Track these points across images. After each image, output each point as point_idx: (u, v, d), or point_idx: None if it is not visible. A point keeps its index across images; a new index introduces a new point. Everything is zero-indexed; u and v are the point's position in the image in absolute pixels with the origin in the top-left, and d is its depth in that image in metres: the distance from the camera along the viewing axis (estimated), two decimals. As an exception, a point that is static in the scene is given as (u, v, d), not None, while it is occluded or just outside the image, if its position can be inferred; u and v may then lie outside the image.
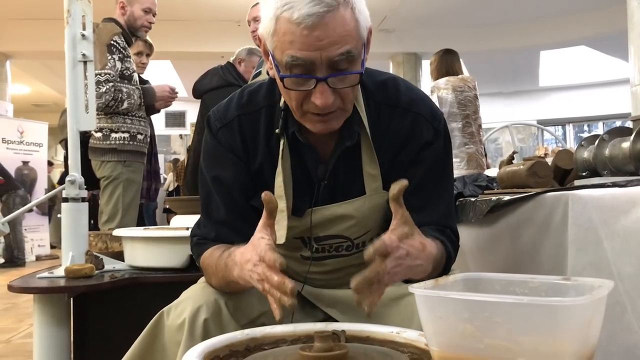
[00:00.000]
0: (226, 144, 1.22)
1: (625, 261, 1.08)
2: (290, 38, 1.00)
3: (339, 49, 1.00)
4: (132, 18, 3.27)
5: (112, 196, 3.13)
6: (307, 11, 0.98)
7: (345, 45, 1.01)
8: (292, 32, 0.99)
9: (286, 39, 1.01)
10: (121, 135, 3.16)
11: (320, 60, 1.01)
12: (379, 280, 0.90)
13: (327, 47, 0.99)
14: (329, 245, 1.27)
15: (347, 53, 1.01)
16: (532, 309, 0.70)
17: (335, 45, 1.00)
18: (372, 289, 0.90)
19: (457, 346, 0.75)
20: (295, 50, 1.00)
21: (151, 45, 3.84)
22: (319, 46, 0.99)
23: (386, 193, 1.20)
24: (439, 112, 1.23)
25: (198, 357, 0.92)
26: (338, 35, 1.00)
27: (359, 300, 0.90)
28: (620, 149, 1.55)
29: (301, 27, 0.98)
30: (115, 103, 3.08)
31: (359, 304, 0.90)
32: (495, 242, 1.64)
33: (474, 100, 2.48)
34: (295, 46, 1.00)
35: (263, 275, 0.96)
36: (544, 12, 9.08)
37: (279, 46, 1.03)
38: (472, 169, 2.40)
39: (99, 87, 2.98)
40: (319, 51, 1.00)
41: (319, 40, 0.99)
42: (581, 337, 0.70)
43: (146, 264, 1.93)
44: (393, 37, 9.93)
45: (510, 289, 0.88)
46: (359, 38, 1.04)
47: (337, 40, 1.00)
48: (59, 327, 1.80)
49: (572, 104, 13.79)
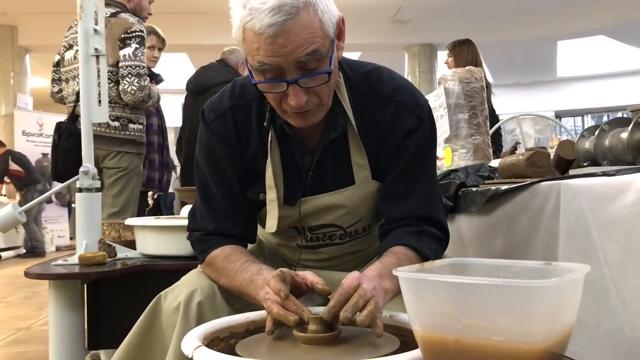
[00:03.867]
0: (221, 135, 1.25)
1: (611, 248, 1.11)
2: (256, 46, 1.03)
3: (304, 50, 1.03)
4: (139, 7, 3.18)
5: (125, 188, 3.04)
6: (268, 21, 1.00)
7: (311, 46, 1.04)
8: (257, 40, 1.03)
9: (253, 47, 1.04)
10: (138, 127, 3.09)
11: (288, 64, 1.04)
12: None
13: (292, 51, 1.03)
14: (323, 234, 1.31)
15: (313, 53, 1.04)
16: (505, 290, 0.74)
17: (300, 48, 1.03)
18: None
19: (437, 326, 0.79)
20: (262, 57, 1.04)
21: (164, 40, 3.84)
22: (284, 52, 1.02)
23: (376, 182, 1.24)
24: (422, 100, 1.25)
25: (198, 338, 0.97)
26: (301, 39, 1.02)
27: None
28: (619, 140, 1.57)
29: (264, 36, 1.01)
30: (148, 99, 3.02)
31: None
32: (492, 230, 1.67)
33: (480, 91, 2.48)
34: (262, 53, 1.03)
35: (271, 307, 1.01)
36: (560, 2, 8.97)
37: (248, 52, 1.07)
38: (478, 160, 2.41)
39: (140, 81, 2.91)
40: (284, 56, 1.03)
41: (283, 47, 1.02)
42: (553, 317, 0.74)
43: (157, 252, 2.00)
44: (408, 28, 9.89)
45: (495, 273, 0.92)
46: (325, 36, 1.06)
47: (301, 43, 1.03)
48: (73, 312, 1.87)
49: (590, 95, 13.63)
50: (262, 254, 1.46)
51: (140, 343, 1.25)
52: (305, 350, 0.96)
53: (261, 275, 1.12)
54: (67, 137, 2.93)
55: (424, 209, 1.23)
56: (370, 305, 0.95)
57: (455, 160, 2.47)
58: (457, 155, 2.47)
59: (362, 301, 0.96)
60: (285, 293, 1.00)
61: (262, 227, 1.34)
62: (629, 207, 1.06)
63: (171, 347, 1.14)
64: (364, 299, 0.96)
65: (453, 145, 2.48)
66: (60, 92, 3.22)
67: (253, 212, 1.31)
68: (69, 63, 3.09)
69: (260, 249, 1.47)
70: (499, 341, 0.73)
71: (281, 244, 1.42)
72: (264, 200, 1.26)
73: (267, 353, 0.96)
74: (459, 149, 2.47)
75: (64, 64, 3.15)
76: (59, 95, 3.23)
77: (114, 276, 1.88)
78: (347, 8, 8.55)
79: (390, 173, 1.24)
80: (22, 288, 5.16)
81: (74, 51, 3.02)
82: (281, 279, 1.02)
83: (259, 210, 1.31)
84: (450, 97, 2.48)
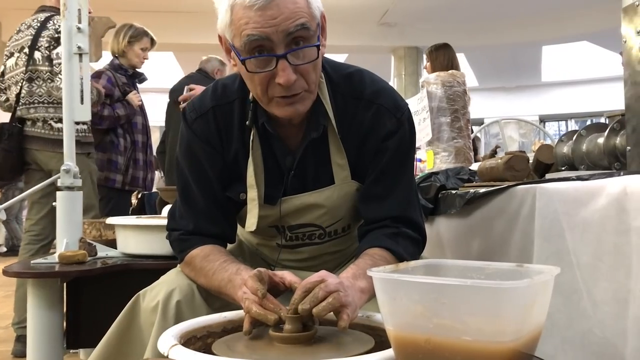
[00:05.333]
0: (202, 134, 1.26)
1: (583, 251, 1.13)
2: (246, 20, 1.05)
3: (294, 22, 1.06)
4: None
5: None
6: None
7: (300, 19, 1.06)
8: (247, 15, 1.05)
9: (242, 22, 1.06)
10: (82, 127, 3.15)
11: (277, 37, 1.06)
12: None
13: (282, 22, 1.05)
14: (302, 233, 1.32)
15: (301, 25, 1.07)
16: (475, 291, 0.75)
17: (289, 20, 1.06)
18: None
19: (409, 326, 0.80)
20: (251, 30, 1.05)
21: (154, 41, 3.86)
22: (274, 23, 1.05)
23: (355, 182, 1.26)
24: (402, 104, 1.27)
25: (174, 337, 0.98)
26: (290, 12, 1.05)
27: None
28: (596, 145, 1.60)
29: (254, 9, 1.04)
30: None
31: None
32: (471, 232, 1.69)
33: (462, 95, 2.51)
34: (251, 26, 1.05)
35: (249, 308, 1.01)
36: (545, 7, 9.07)
37: (236, 32, 1.08)
38: (459, 163, 2.44)
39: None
40: (274, 27, 1.05)
41: (272, 19, 1.05)
42: (522, 318, 0.75)
43: (137, 251, 2.00)
44: (394, 31, 9.94)
45: (468, 274, 0.93)
46: (312, 17, 1.09)
47: (290, 15, 1.06)
48: (52, 310, 1.87)
49: (574, 99, 13.76)
50: (242, 254, 1.46)
51: (118, 342, 1.25)
52: (281, 349, 0.97)
53: (240, 275, 1.13)
54: (8, 137, 3.02)
55: (401, 211, 1.25)
56: (330, 298, 0.94)
57: (437, 163, 2.49)
58: (439, 158, 2.50)
59: (322, 293, 0.95)
60: (263, 293, 1.00)
61: (242, 226, 1.35)
62: (600, 211, 1.09)
63: (149, 346, 1.15)
64: (325, 291, 0.95)
65: (435, 148, 2.51)
66: (8, 100, 3.29)
67: (233, 212, 1.32)
68: (11, 70, 3.21)
69: (240, 249, 1.48)
70: (468, 341, 0.75)
71: (261, 244, 1.42)
72: (245, 200, 1.27)
73: (243, 352, 0.96)
74: (441, 152, 2.50)
75: (6, 71, 3.25)
76: (7, 103, 3.31)
77: (94, 275, 1.88)
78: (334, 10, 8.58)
79: (369, 174, 1.25)
80: (2, 287, 5.11)
81: (15, 58, 3.18)
82: (259, 278, 1.03)
83: (239, 210, 1.31)
84: (433, 100, 2.50)
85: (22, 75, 3.12)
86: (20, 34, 3.21)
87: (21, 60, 3.14)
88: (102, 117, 3.45)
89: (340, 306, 0.95)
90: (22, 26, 3.24)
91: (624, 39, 1.22)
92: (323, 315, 0.94)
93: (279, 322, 0.98)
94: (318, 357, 0.94)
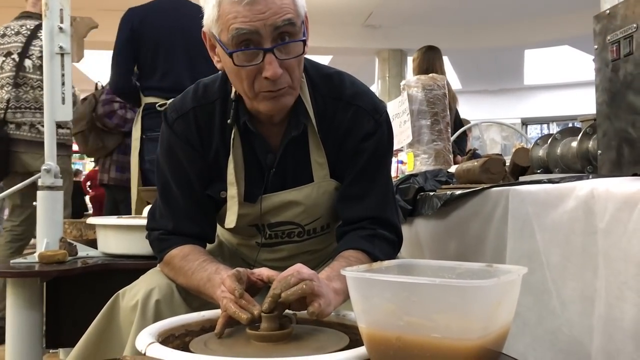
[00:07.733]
0: (182, 134, 1.27)
1: (553, 252, 1.16)
2: (234, 14, 1.08)
3: (281, 17, 1.08)
4: None
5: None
6: None
7: (287, 14, 1.09)
8: (236, 10, 1.07)
9: (230, 17, 1.08)
10: (66, 131, 3.26)
11: (265, 30, 1.08)
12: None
13: (270, 17, 1.07)
14: (281, 231, 1.34)
15: (288, 20, 1.09)
16: (444, 289, 0.78)
17: (277, 14, 1.08)
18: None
19: (381, 323, 0.82)
20: (239, 23, 1.08)
21: None
22: (262, 17, 1.07)
23: (334, 181, 1.28)
24: (381, 106, 1.30)
25: (152, 335, 0.99)
26: (277, 7, 1.08)
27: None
28: (570, 148, 1.63)
29: (243, 4, 1.06)
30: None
31: None
32: (447, 233, 1.72)
33: (442, 98, 2.54)
34: (240, 20, 1.07)
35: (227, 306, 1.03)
36: (528, 12, 9.19)
37: (224, 27, 1.10)
38: (439, 165, 2.47)
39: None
40: (262, 21, 1.07)
41: (261, 13, 1.07)
42: (489, 316, 0.78)
43: (118, 251, 2.00)
44: (379, 34, 9.99)
45: (440, 274, 0.96)
46: (298, 14, 1.12)
47: (278, 10, 1.08)
48: (32, 310, 1.87)
49: (556, 103, 13.93)
50: (222, 254, 1.48)
51: (97, 341, 1.26)
52: (257, 347, 0.98)
53: (218, 274, 1.14)
54: None
55: (378, 211, 1.27)
56: (302, 284, 0.96)
57: (417, 165, 2.52)
58: (419, 160, 2.53)
59: (294, 280, 0.97)
60: (240, 292, 1.01)
61: (221, 226, 1.36)
62: (569, 212, 1.12)
63: (127, 345, 1.15)
64: (297, 278, 0.97)
65: (415, 151, 2.54)
66: None
67: (212, 212, 1.33)
68: None
69: (220, 249, 1.49)
70: (437, 338, 0.77)
71: (241, 244, 1.44)
72: (225, 198, 1.28)
73: (219, 350, 0.98)
74: (421, 154, 2.53)
75: None
76: None
77: (74, 275, 1.88)
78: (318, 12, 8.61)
79: (347, 175, 1.28)
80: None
81: (1, 61, 3.22)
82: (236, 278, 1.05)
83: (219, 209, 1.33)
84: (413, 103, 2.53)
85: (7, 79, 3.16)
86: (6, 39, 3.25)
87: (7, 65, 3.19)
88: (126, 120, 3.51)
89: (312, 294, 0.97)
90: (7, 30, 3.28)
91: (595, 45, 1.26)
92: (292, 299, 0.96)
93: (253, 320, 1.00)
94: (293, 354, 0.96)
